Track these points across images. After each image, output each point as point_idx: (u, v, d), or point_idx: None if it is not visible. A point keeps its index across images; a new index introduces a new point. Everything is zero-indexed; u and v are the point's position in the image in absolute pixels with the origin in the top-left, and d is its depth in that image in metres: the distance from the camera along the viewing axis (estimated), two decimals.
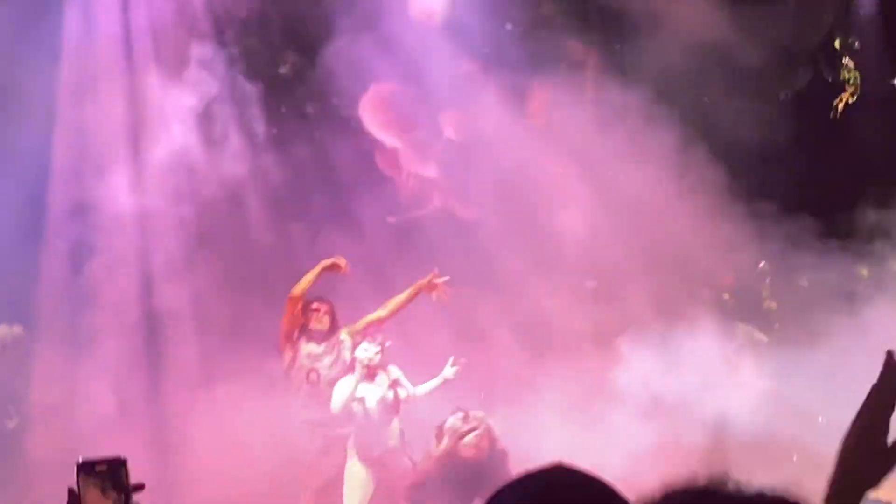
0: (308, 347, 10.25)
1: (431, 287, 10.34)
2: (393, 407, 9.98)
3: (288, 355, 10.27)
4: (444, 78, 10.93)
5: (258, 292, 11.00)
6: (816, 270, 10.81)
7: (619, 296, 10.65)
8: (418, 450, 9.68)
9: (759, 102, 11.17)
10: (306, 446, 10.17)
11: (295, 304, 10.18)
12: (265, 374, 10.36)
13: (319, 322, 10.25)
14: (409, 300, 10.34)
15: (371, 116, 11.06)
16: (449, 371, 10.05)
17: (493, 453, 9.26)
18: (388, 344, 10.02)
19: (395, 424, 9.99)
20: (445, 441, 9.43)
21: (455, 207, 11.11)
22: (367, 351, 9.93)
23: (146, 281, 11.14)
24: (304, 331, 10.26)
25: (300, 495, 10.21)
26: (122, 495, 2.69)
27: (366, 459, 9.92)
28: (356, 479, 9.91)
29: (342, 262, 10.27)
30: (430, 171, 11.17)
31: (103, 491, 2.70)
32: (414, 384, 10.06)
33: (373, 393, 9.93)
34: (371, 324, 10.27)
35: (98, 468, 2.70)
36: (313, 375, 10.17)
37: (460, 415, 9.52)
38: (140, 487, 2.72)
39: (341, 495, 9.94)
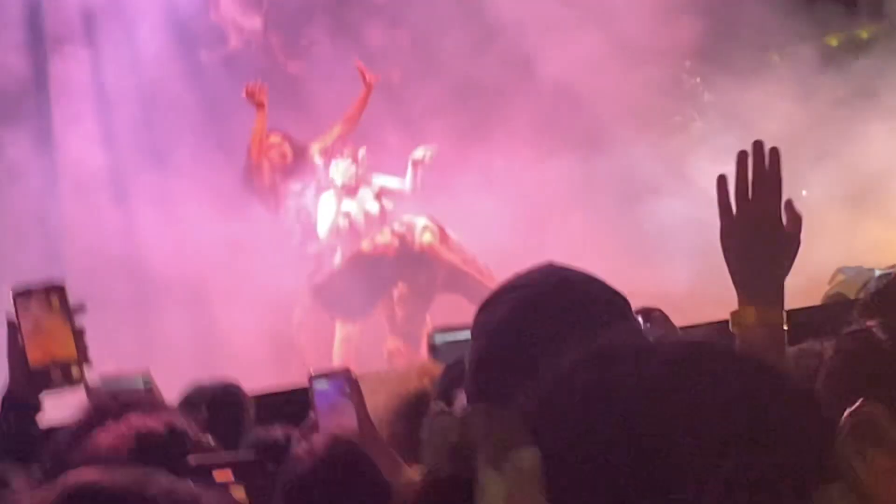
0: (292, 188, 10.02)
1: (368, 82, 10.00)
2: (379, 220, 9.81)
3: (272, 202, 10.07)
4: None
5: None
6: None
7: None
8: None
9: None
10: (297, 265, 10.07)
11: (255, 158, 9.99)
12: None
13: (282, 155, 10.02)
14: (361, 106, 10.04)
15: None
16: (418, 153, 9.75)
17: (404, 250, 9.47)
18: (361, 153, 9.78)
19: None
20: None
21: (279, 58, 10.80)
22: (339, 168, 9.72)
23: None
24: (277, 170, 10.02)
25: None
26: (64, 319, 2.56)
27: None
28: None
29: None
30: (255, 24, 10.91)
31: (43, 316, 2.57)
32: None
33: (357, 207, 9.75)
34: (335, 141, 10.01)
35: (35, 294, 2.56)
36: (303, 214, 9.96)
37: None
38: (81, 309, 2.58)
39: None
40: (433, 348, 5.25)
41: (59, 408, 2.72)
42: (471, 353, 1.82)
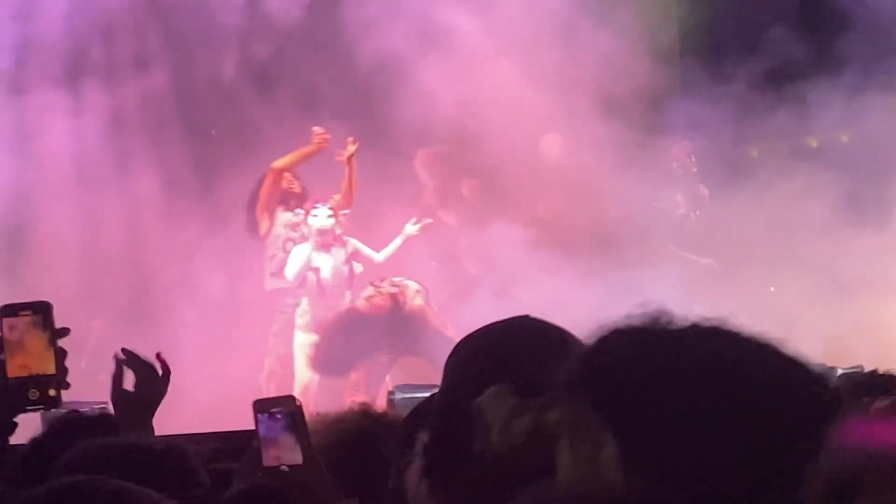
0: (285, 217, 10.11)
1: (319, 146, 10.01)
2: (347, 281, 9.91)
3: (265, 225, 10.12)
4: None
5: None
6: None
7: None
8: None
9: None
10: (270, 315, 10.15)
11: (276, 176, 10.04)
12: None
13: (291, 183, 10.10)
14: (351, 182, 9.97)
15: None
16: (411, 229, 9.96)
17: (396, 311, 9.51)
18: (344, 213, 9.87)
19: (348, 297, 9.93)
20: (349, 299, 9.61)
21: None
22: (319, 216, 9.79)
23: None
24: (281, 199, 10.12)
25: (264, 360, 10.14)
26: (47, 338, 2.59)
27: (313, 330, 9.84)
28: (304, 349, 9.85)
29: (323, 141, 9.98)
30: None
31: (26, 334, 2.60)
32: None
33: (327, 263, 9.83)
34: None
35: (21, 312, 2.59)
36: (289, 245, 10.04)
37: (377, 283, 9.72)
38: (65, 332, 2.62)
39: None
40: (391, 403, 5.33)
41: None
42: (438, 393, 1.87)
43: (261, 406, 2.69)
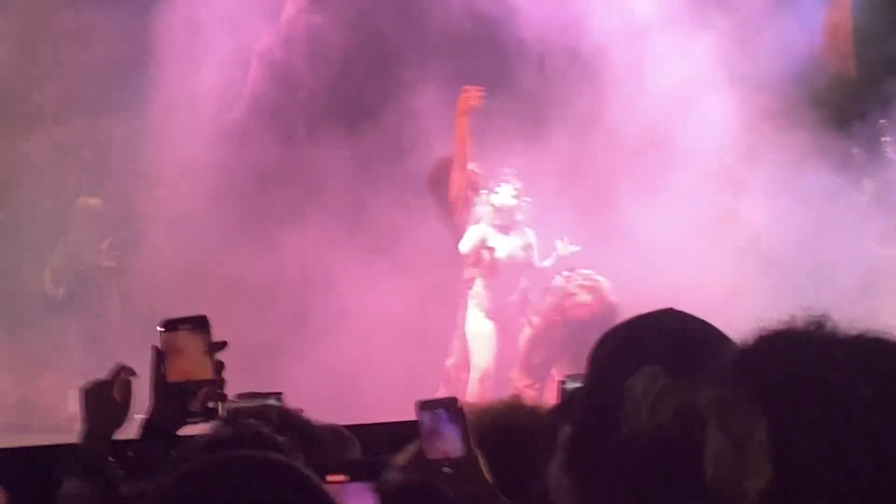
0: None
1: (465, 103, 9.64)
2: (519, 268, 9.70)
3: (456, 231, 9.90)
4: None
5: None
6: None
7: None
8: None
9: None
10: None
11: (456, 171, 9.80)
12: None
13: (473, 185, 9.81)
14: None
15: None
16: (563, 250, 9.59)
17: (604, 309, 9.30)
18: (524, 199, 9.64)
19: (524, 283, 9.75)
20: (550, 300, 9.45)
21: None
22: (501, 194, 9.60)
23: None
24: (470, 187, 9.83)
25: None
26: (205, 350, 2.70)
27: (486, 310, 9.71)
28: (479, 331, 9.72)
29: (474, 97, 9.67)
30: None
31: (186, 344, 2.72)
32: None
33: (505, 245, 9.67)
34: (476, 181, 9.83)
35: (182, 327, 2.71)
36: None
37: (566, 274, 9.50)
38: (222, 345, 2.72)
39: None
40: (564, 393, 5.37)
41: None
42: (581, 387, 1.87)
43: (423, 404, 2.85)
